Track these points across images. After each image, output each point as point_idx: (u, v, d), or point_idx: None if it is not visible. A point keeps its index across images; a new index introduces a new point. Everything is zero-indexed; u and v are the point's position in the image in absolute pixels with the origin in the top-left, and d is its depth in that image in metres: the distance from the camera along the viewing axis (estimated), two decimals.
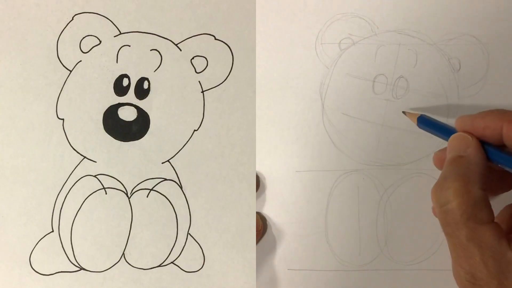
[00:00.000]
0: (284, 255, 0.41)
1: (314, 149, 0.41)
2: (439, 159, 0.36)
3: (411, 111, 0.39)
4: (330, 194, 0.41)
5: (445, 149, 0.35)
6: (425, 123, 0.37)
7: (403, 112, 0.40)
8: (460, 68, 0.41)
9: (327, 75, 0.41)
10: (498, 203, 0.37)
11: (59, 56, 0.40)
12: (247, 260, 0.40)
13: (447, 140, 0.35)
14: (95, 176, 0.40)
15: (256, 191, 0.41)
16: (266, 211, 0.41)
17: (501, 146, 0.33)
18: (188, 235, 0.40)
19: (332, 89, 0.41)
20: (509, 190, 0.36)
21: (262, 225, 0.41)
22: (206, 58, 0.41)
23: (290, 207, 0.41)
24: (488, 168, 0.33)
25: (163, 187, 0.40)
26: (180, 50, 0.41)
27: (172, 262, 0.40)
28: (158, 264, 0.40)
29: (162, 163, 0.40)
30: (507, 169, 0.32)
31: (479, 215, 0.29)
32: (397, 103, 0.41)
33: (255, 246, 0.40)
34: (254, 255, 0.40)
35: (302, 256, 0.41)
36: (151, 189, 0.40)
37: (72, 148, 0.40)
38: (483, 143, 0.33)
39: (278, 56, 0.41)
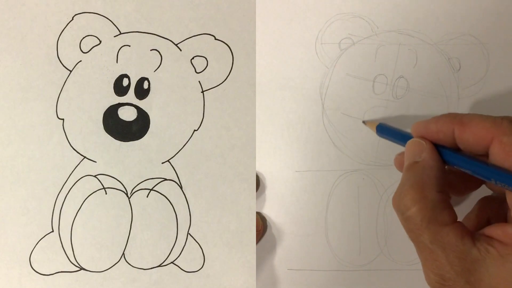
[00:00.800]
0: (284, 255, 0.41)
1: (314, 149, 0.41)
2: (399, 163, 0.37)
3: (371, 120, 0.40)
4: (330, 194, 0.41)
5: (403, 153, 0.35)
6: (383, 131, 0.38)
7: (363, 122, 0.40)
8: (460, 68, 0.41)
9: (327, 75, 0.41)
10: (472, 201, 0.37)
11: (59, 56, 0.40)
12: (247, 260, 0.40)
13: (404, 145, 0.35)
14: (95, 176, 0.40)
15: (256, 191, 0.41)
16: (266, 211, 0.41)
17: (457, 149, 0.33)
18: (188, 235, 0.40)
19: (332, 89, 0.41)
20: (476, 189, 0.37)
21: (262, 225, 0.41)
22: (206, 58, 0.41)
23: (290, 207, 0.41)
24: (449, 171, 0.33)
25: (163, 187, 0.40)
26: (180, 50, 0.41)
27: (172, 262, 0.40)
28: (158, 264, 0.40)
29: (162, 163, 0.40)
30: (463, 170, 0.32)
31: (440, 218, 0.30)
32: (397, 103, 0.41)
33: (255, 246, 0.40)
34: (254, 255, 0.40)
35: (302, 256, 0.41)
36: (151, 189, 0.40)
37: (72, 148, 0.40)
38: (439, 147, 0.33)
39: (278, 56, 0.41)
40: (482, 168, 0.31)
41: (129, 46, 0.40)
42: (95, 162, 0.40)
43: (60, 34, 0.40)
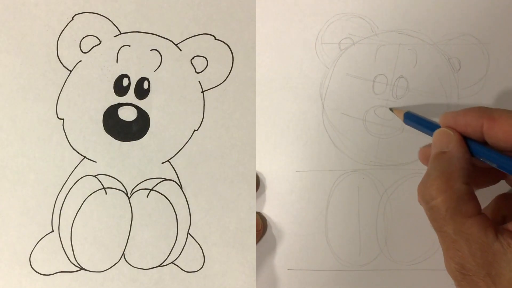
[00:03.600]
0: (284, 255, 0.41)
1: (314, 149, 0.41)
2: (424, 155, 0.37)
3: (398, 108, 0.40)
4: (330, 194, 0.41)
5: (430, 145, 0.35)
6: (411, 119, 0.38)
7: (390, 109, 0.40)
8: (460, 68, 0.41)
9: (327, 75, 0.41)
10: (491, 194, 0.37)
11: (59, 56, 0.40)
12: (247, 260, 0.40)
13: (431, 134, 0.35)
14: (95, 176, 0.40)
15: (256, 191, 0.41)
16: (266, 211, 0.41)
17: (484, 143, 0.33)
18: (188, 235, 0.40)
19: (332, 89, 0.41)
20: (495, 183, 0.37)
21: (262, 225, 0.41)
22: (206, 58, 0.41)
23: (290, 207, 0.41)
24: (472, 163, 0.33)
25: (163, 187, 0.40)
26: (180, 50, 0.41)
27: (172, 262, 0.40)
28: (158, 264, 0.40)
29: (162, 163, 0.40)
30: (489, 163, 0.33)
31: (464, 209, 0.30)
32: (397, 103, 0.41)
33: (255, 246, 0.40)
34: (254, 255, 0.40)
35: (302, 256, 0.41)
36: (151, 189, 0.40)
37: (72, 148, 0.40)
38: (466, 139, 0.33)
39: (278, 56, 0.41)
40: (510, 163, 0.31)
41: (129, 46, 0.40)
42: (95, 162, 0.40)
43: (60, 34, 0.40)
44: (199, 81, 0.41)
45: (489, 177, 0.36)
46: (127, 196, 0.40)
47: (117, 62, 0.40)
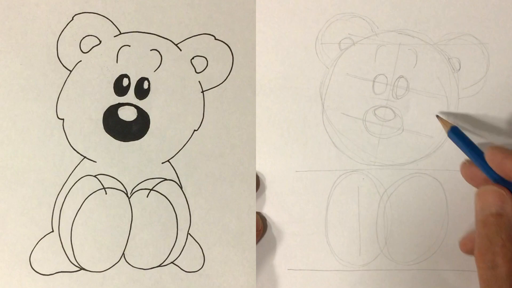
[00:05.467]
0: (284, 255, 0.41)
1: (314, 149, 0.41)
2: (466, 247, 0.37)
3: (446, 119, 0.39)
4: (330, 194, 0.41)
5: (469, 237, 0.35)
6: (456, 135, 0.38)
7: (437, 116, 0.40)
8: (460, 68, 0.41)
9: (327, 75, 0.41)
10: None
11: (59, 56, 0.40)
12: (247, 260, 0.40)
13: (470, 158, 0.35)
14: (95, 176, 0.40)
15: (256, 191, 0.41)
16: (266, 211, 0.41)
17: None
18: (188, 235, 0.40)
19: (332, 89, 0.41)
20: None
21: (262, 225, 0.41)
22: (206, 58, 0.41)
23: (290, 207, 0.41)
24: None
25: (163, 187, 0.40)
26: (180, 50, 0.41)
27: (172, 262, 0.40)
28: (158, 264, 0.40)
29: (162, 163, 0.40)
30: None
31: None
32: (397, 103, 0.41)
33: (255, 246, 0.40)
34: (254, 255, 0.40)
35: (302, 256, 0.41)
36: (151, 189, 0.40)
37: (72, 148, 0.40)
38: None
39: (278, 56, 0.41)
40: None
41: (129, 46, 0.40)
42: (95, 162, 0.40)
43: (60, 34, 0.40)
44: (199, 81, 0.41)
45: None
46: (127, 196, 0.40)
47: (117, 62, 0.40)
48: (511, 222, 0.31)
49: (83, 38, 0.40)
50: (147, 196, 0.40)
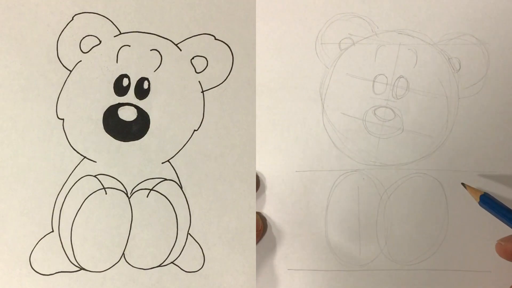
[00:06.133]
0: (284, 255, 0.41)
1: (314, 149, 0.41)
2: (505, 251, 0.36)
3: (473, 187, 0.39)
4: (330, 194, 0.41)
5: (508, 239, 0.35)
6: (487, 203, 0.38)
7: (463, 184, 0.39)
8: (460, 68, 0.41)
9: (327, 75, 0.41)
10: None
11: (59, 56, 0.40)
12: (247, 260, 0.40)
13: (508, 225, 0.35)
14: (95, 176, 0.40)
15: (256, 191, 0.41)
16: (266, 211, 0.41)
17: None
18: (188, 235, 0.40)
19: (332, 89, 0.41)
20: None
21: (262, 225, 0.41)
22: (206, 58, 0.41)
23: (290, 207, 0.41)
24: None
25: (163, 187, 0.40)
26: (180, 50, 0.41)
27: (172, 262, 0.40)
28: (158, 264, 0.40)
29: (162, 163, 0.40)
30: None
31: None
32: (397, 103, 0.41)
33: (255, 246, 0.40)
34: (254, 255, 0.40)
35: (302, 256, 0.41)
36: (151, 189, 0.40)
37: (72, 148, 0.40)
38: None
39: (278, 56, 0.41)
40: None
41: (129, 46, 0.40)
42: (95, 162, 0.40)
43: (60, 34, 0.40)
44: (199, 81, 0.41)
45: None
46: (127, 196, 0.40)
47: (117, 62, 0.40)
48: None
49: (83, 38, 0.40)
50: (147, 196, 0.40)
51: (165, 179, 0.40)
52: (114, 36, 0.41)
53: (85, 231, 0.39)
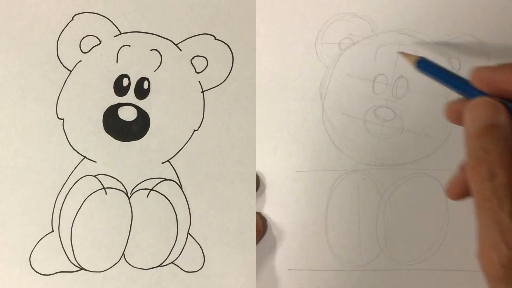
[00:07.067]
0: (284, 255, 0.41)
1: (314, 149, 0.41)
2: (454, 112, 0.32)
3: (409, 52, 0.36)
4: (330, 194, 0.41)
5: (458, 101, 0.32)
6: (427, 66, 0.34)
7: (400, 53, 0.37)
8: (460, 68, 0.41)
9: (327, 75, 0.41)
10: None
11: (59, 56, 0.40)
12: (247, 260, 0.40)
13: (449, 87, 0.32)
14: (95, 176, 0.40)
15: (256, 191, 0.41)
16: (266, 211, 0.41)
17: None
18: (188, 235, 0.40)
19: (332, 89, 0.41)
20: None
21: (262, 225, 0.41)
22: (206, 58, 0.41)
23: (290, 207, 0.41)
24: None
25: (163, 187, 0.40)
26: (180, 50, 0.41)
27: (172, 262, 0.40)
28: (158, 264, 0.40)
29: (162, 163, 0.40)
30: None
31: None
32: (397, 103, 0.41)
33: (255, 246, 0.40)
34: (254, 255, 0.40)
35: (302, 256, 0.41)
36: (151, 189, 0.40)
37: (72, 148, 0.40)
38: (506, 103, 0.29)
39: (278, 56, 0.41)
40: None
41: (129, 46, 0.40)
42: (95, 162, 0.40)
43: (60, 34, 0.40)
44: (199, 81, 0.41)
45: None
46: (127, 196, 0.40)
47: (117, 62, 0.40)
48: (507, 132, 0.28)
49: (83, 38, 0.40)
50: (147, 196, 0.40)
51: (165, 179, 0.40)
52: (114, 36, 0.41)
53: (85, 231, 0.39)
